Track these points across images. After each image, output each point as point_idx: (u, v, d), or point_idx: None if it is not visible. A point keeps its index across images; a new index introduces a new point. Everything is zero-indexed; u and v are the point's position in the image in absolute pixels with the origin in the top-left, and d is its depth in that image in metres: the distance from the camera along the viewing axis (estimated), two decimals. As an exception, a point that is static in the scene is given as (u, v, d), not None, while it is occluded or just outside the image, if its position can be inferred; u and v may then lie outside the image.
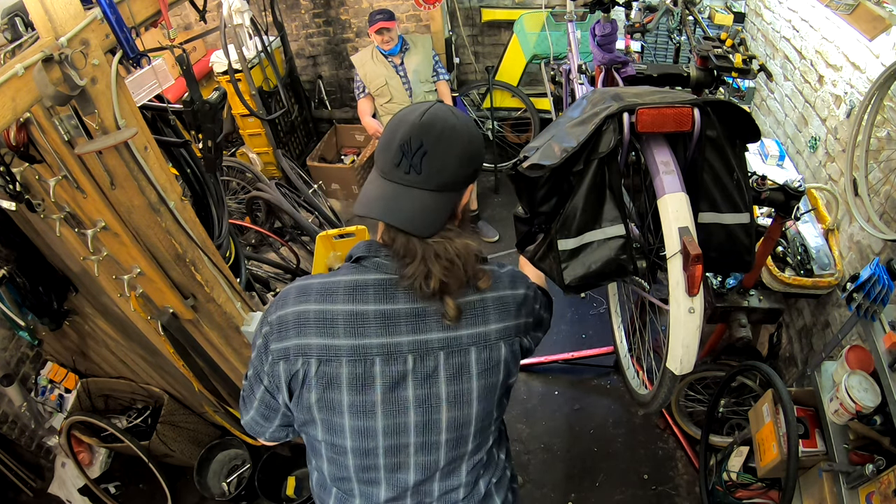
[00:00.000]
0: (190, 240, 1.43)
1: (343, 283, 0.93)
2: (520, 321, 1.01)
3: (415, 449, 0.99)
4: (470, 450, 1.03)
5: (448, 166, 0.88)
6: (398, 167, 0.87)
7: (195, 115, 1.49)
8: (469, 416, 0.98)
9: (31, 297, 1.94)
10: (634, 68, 2.10)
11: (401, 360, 0.92)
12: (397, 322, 0.92)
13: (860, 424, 1.44)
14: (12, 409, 2.35)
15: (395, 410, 0.95)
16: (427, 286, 0.88)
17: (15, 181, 1.21)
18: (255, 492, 2.30)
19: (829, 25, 2.07)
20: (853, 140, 1.72)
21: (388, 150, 0.88)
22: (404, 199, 0.87)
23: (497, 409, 1.04)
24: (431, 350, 0.93)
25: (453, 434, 0.99)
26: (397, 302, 0.92)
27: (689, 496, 2.27)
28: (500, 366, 0.98)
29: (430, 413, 0.96)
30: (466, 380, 0.96)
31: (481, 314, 0.95)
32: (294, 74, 4.15)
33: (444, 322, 0.92)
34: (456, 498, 1.06)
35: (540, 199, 1.39)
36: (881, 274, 1.33)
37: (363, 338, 0.91)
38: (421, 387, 0.94)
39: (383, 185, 0.89)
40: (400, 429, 0.96)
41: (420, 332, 0.92)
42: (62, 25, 1.01)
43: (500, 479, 1.15)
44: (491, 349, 0.96)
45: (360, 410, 0.94)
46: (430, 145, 0.86)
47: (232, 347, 1.76)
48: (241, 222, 3.42)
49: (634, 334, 2.06)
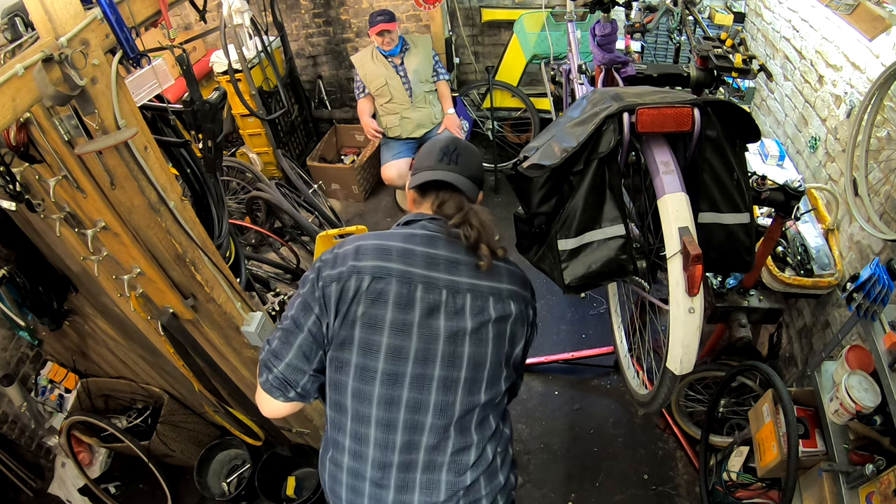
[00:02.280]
0: (190, 240, 1.43)
1: (398, 232, 1.19)
2: (527, 295, 1.23)
3: (437, 385, 1.11)
4: (482, 402, 1.15)
5: (474, 163, 1.26)
6: (441, 161, 1.22)
7: (195, 115, 1.49)
8: (485, 355, 1.14)
9: (31, 297, 1.94)
10: (634, 68, 2.10)
11: (437, 291, 1.12)
12: (437, 262, 1.14)
13: (860, 424, 1.44)
14: (12, 409, 2.35)
15: (428, 335, 1.11)
16: (469, 235, 1.15)
17: (15, 181, 1.21)
18: (255, 492, 2.30)
19: (829, 25, 2.07)
20: (853, 140, 1.72)
21: (431, 155, 1.24)
22: (454, 177, 1.21)
23: (505, 368, 1.18)
24: (461, 290, 1.14)
25: (471, 374, 1.13)
26: (439, 249, 1.16)
27: (689, 496, 2.27)
28: (509, 320, 1.17)
29: (456, 345, 1.12)
30: (485, 321, 1.14)
31: (496, 275, 1.18)
32: (294, 74, 4.14)
33: (473, 272, 1.15)
34: (466, 461, 1.13)
35: (540, 199, 1.40)
36: (881, 274, 1.33)
37: (411, 266, 1.12)
38: (451, 319, 1.12)
39: (435, 171, 1.21)
40: (429, 356, 1.11)
41: (453, 275, 1.14)
42: (62, 25, 1.01)
43: (504, 453, 1.22)
44: (504, 302, 1.17)
45: (399, 328, 1.10)
46: (461, 149, 1.25)
47: (232, 347, 1.76)
48: (241, 222, 3.42)
49: (634, 334, 2.06)
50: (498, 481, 1.19)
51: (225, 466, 2.58)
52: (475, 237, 1.15)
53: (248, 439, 2.21)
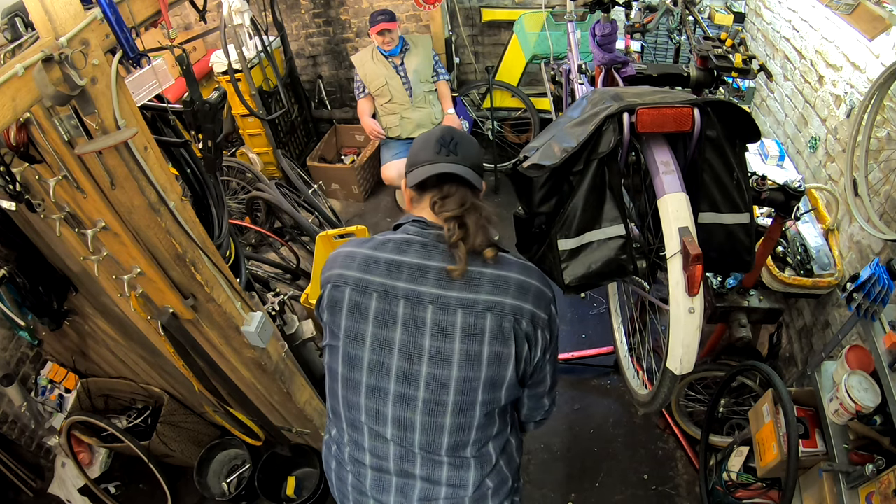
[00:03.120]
0: (190, 240, 1.43)
1: (395, 238, 1.11)
2: (523, 305, 1.06)
3: (422, 407, 1.06)
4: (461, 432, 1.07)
5: (472, 151, 1.14)
6: (439, 153, 1.10)
7: (195, 115, 1.49)
8: (447, 379, 1.05)
9: (31, 297, 1.94)
10: (634, 68, 2.10)
11: (422, 307, 1.04)
12: (426, 275, 1.05)
13: (860, 424, 1.44)
14: (12, 409, 2.35)
15: (411, 354, 1.05)
16: (452, 232, 1.04)
17: (15, 181, 1.21)
18: (255, 492, 2.30)
19: (829, 25, 2.07)
20: (853, 140, 1.72)
21: (427, 147, 1.12)
22: (457, 168, 1.09)
23: (488, 392, 1.07)
24: (450, 306, 1.04)
25: (432, 396, 1.06)
26: (434, 259, 1.06)
27: (689, 496, 2.27)
28: (483, 338, 1.04)
29: (443, 367, 1.04)
30: (479, 342, 1.04)
31: (476, 284, 1.05)
32: (294, 74, 4.14)
33: (456, 282, 1.04)
34: (437, 494, 1.10)
35: (540, 199, 1.40)
36: (881, 274, 1.33)
37: (395, 280, 1.05)
38: (436, 338, 1.04)
39: (436, 164, 1.10)
40: (412, 376, 1.05)
41: (443, 289, 1.04)
42: (62, 25, 1.01)
43: (499, 487, 1.15)
44: (478, 316, 1.04)
45: (380, 346, 1.06)
46: (458, 138, 1.13)
47: (232, 347, 1.75)
48: (241, 222, 3.42)
49: (634, 334, 2.06)
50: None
51: (225, 466, 2.58)
52: (458, 237, 1.04)
53: (248, 439, 2.21)
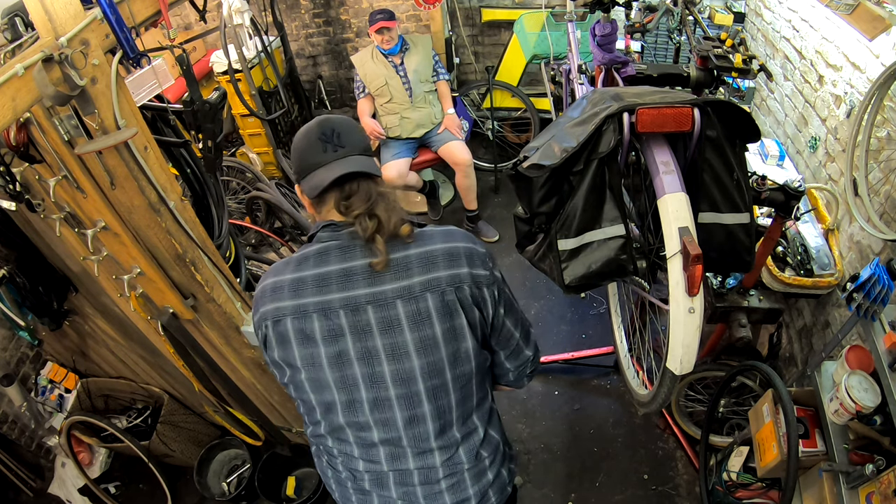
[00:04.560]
0: (190, 240, 1.43)
1: (313, 251, 1.05)
2: (459, 271, 1.02)
3: (398, 404, 1.05)
4: (454, 407, 1.07)
5: (356, 136, 1.06)
6: (326, 152, 1.03)
7: (195, 115, 1.49)
8: (412, 370, 1.03)
9: (31, 297, 1.94)
10: (634, 68, 2.10)
11: (362, 310, 1.01)
12: (354, 277, 1.01)
13: (860, 424, 1.44)
14: (12, 409, 2.35)
15: (369, 359, 1.02)
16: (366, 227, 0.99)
17: (15, 181, 1.21)
18: (255, 492, 2.30)
19: (829, 25, 2.07)
20: (853, 140, 1.72)
21: (311, 146, 1.04)
22: (350, 162, 1.03)
23: (456, 367, 1.05)
24: (388, 301, 1.00)
25: (429, 383, 1.04)
26: (356, 259, 1.02)
27: (689, 496, 2.27)
28: (432, 321, 1.01)
29: (403, 361, 1.02)
30: (428, 325, 1.01)
31: (405, 269, 1.01)
32: (294, 74, 4.14)
33: (395, 273, 1.01)
34: (436, 476, 1.11)
35: (540, 199, 1.40)
36: (881, 274, 1.33)
37: (327, 294, 1.01)
38: (386, 335, 1.01)
39: (329, 166, 1.02)
40: (378, 378, 1.03)
41: (375, 285, 1.01)
42: (62, 25, 1.01)
43: (493, 455, 1.17)
44: (418, 301, 1.00)
45: (338, 362, 1.02)
46: (337, 127, 1.05)
47: (232, 347, 1.76)
48: (241, 222, 3.42)
49: (634, 334, 2.06)
50: (487, 479, 1.16)
51: (225, 466, 2.58)
52: (372, 230, 0.99)
53: (248, 439, 2.21)
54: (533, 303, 3.08)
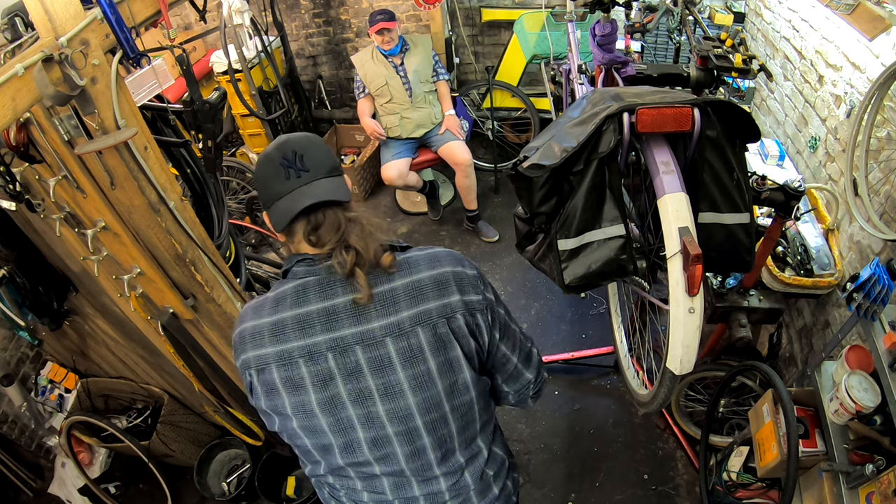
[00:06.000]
0: (190, 240, 1.43)
1: (290, 289, 0.98)
2: (451, 300, 0.97)
3: (397, 440, 1.00)
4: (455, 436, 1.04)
5: (321, 156, 0.98)
6: (290, 179, 0.95)
7: (195, 115, 1.49)
8: (408, 407, 0.98)
9: (31, 297, 1.94)
10: (634, 68, 2.10)
11: (350, 351, 0.95)
12: (338, 316, 0.95)
13: (860, 424, 1.44)
14: (12, 409, 2.35)
15: (362, 400, 0.97)
16: (344, 262, 0.92)
17: (15, 181, 1.21)
18: (255, 492, 2.30)
19: (829, 25, 2.07)
20: (853, 140, 1.72)
21: (275, 175, 0.96)
22: (315, 188, 0.95)
23: (453, 398, 1.00)
24: (376, 339, 0.95)
25: (426, 417, 0.99)
26: (337, 296, 0.95)
27: (689, 496, 2.27)
28: (424, 357, 0.96)
29: (397, 400, 0.97)
30: (422, 361, 0.96)
31: (392, 303, 0.95)
32: (294, 74, 4.14)
33: (382, 308, 0.95)
34: (442, 499, 1.08)
35: (540, 199, 1.40)
36: (881, 274, 1.33)
37: (311, 336, 0.94)
38: (378, 376, 0.96)
39: (292, 195, 0.94)
40: (374, 418, 0.98)
41: (361, 323, 0.95)
42: (62, 25, 1.01)
43: (497, 473, 1.15)
44: (409, 336, 0.95)
45: (331, 406, 0.96)
46: (298, 148, 0.96)
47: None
48: (241, 222, 3.42)
49: (634, 334, 2.06)
50: (493, 493, 1.14)
51: (225, 466, 2.58)
52: (351, 264, 0.92)
53: (248, 439, 2.21)
54: (533, 303, 3.08)
